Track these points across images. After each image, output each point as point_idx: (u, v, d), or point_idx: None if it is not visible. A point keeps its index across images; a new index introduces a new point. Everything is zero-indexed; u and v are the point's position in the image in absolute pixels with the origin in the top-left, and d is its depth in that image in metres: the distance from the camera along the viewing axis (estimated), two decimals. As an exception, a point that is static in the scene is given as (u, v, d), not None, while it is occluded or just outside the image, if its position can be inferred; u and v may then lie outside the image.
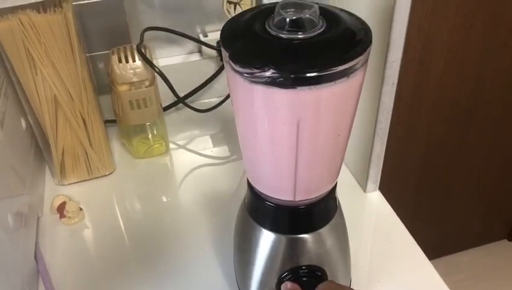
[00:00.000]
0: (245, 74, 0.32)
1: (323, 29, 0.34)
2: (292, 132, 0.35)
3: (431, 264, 0.57)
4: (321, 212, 0.45)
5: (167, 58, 0.84)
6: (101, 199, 0.68)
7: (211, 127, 0.81)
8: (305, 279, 0.45)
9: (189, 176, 0.72)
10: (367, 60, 0.35)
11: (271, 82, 0.32)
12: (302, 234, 0.44)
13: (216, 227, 0.63)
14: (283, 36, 0.34)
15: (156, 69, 0.68)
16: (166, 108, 0.79)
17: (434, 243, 1.55)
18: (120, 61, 0.65)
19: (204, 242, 0.61)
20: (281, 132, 0.36)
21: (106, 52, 0.69)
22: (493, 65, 1.17)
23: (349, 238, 0.50)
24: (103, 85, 0.74)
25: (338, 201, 0.47)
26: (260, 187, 0.43)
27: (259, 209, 0.45)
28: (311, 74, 0.32)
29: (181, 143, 0.78)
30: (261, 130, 0.37)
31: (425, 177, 1.38)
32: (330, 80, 0.32)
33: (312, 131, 0.36)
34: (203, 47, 0.82)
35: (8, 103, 0.60)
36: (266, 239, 0.45)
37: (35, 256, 0.58)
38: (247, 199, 0.47)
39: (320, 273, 0.45)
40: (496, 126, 1.32)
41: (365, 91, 0.58)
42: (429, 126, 1.25)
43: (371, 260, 0.59)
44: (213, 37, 0.82)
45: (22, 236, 0.56)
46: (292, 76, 0.32)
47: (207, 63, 0.83)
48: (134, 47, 0.67)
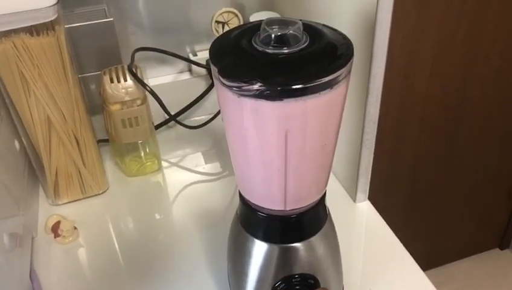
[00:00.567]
0: (234, 88, 0.34)
1: (307, 44, 0.36)
2: (280, 143, 0.37)
3: (423, 272, 0.58)
4: (312, 221, 0.46)
5: (158, 77, 0.86)
6: (95, 218, 0.68)
7: (203, 144, 0.83)
8: (298, 287, 0.46)
9: (182, 193, 0.73)
10: (350, 72, 0.36)
11: (259, 95, 0.34)
12: (294, 243, 0.45)
13: (210, 243, 0.63)
14: (269, 51, 0.35)
15: (148, 88, 0.69)
16: (158, 126, 0.80)
17: (426, 253, 1.56)
18: (112, 81, 0.66)
19: (198, 258, 0.61)
20: (270, 143, 0.37)
21: (98, 72, 0.71)
22: (476, 77, 1.21)
23: (340, 247, 0.51)
24: (95, 105, 0.76)
25: (328, 210, 0.48)
26: (251, 198, 0.44)
27: (251, 219, 0.46)
28: (296, 86, 0.33)
29: (173, 160, 0.80)
30: (251, 142, 0.38)
31: (415, 187, 1.39)
32: (315, 92, 0.34)
33: (300, 141, 0.37)
34: (193, 66, 0.84)
35: (2, 125, 0.61)
36: (259, 249, 0.46)
37: (30, 276, 0.58)
38: (239, 211, 0.48)
39: (313, 281, 0.46)
40: (481, 136, 1.35)
41: (351, 103, 0.60)
42: (417, 137, 1.27)
43: (363, 269, 0.60)
44: (202, 56, 0.84)
45: (17, 256, 0.56)
46: (279, 88, 0.33)
47: (197, 82, 0.85)
48: (125, 67, 0.69)
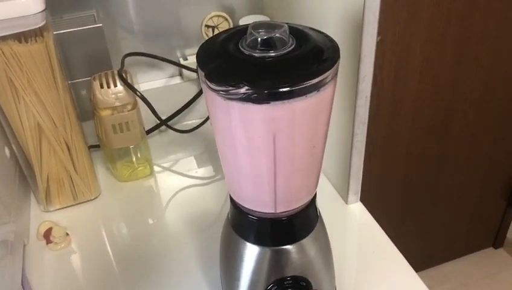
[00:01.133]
0: (221, 92, 0.34)
1: (293, 47, 0.36)
2: (269, 145, 0.37)
3: (416, 273, 0.58)
4: (302, 223, 0.46)
5: (149, 82, 0.86)
6: (87, 224, 0.68)
7: (195, 148, 0.83)
8: (290, 290, 0.46)
9: (174, 198, 0.73)
10: (336, 74, 0.37)
11: (246, 98, 0.34)
12: (285, 246, 0.45)
13: (203, 246, 0.63)
14: (256, 55, 0.36)
15: (138, 93, 0.69)
16: (149, 131, 0.80)
17: (419, 254, 1.57)
18: (102, 86, 0.66)
19: (191, 262, 0.61)
20: (258, 146, 0.37)
21: (88, 78, 0.71)
22: (467, 76, 1.21)
23: (332, 248, 0.51)
24: (86, 111, 0.76)
25: (319, 211, 0.48)
26: (242, 201, 0.44)
27: (242, 223, 0.46)
28: (283, 89, 0.33)
29: (165, 165, 0.80)
30: (240, 145, 0.38)
31: (408, 188, 1.40)
32: (302, 94, 0.34)
33: (288, 143, 0.37)
34: (184, 70, 0.84)
35: (-8, 132, 0.61)
36: (250, 252, 0.46)
37: (22, 283, 0.58)
38: (230, 214, 0.48)
39: (304, 283, 0.46)
40: (473, 135, 1.36)
41: (341, 105, 0.60)
42: (409, 138, 1.28)
43: (356, 270, 0.60)
44: (193, 60, 0.84)
45: (8, 264, 0.56)
46: (266, 92, 0.34)
47: (188, 86, 0.85)
48: (115, 72, 0.69)
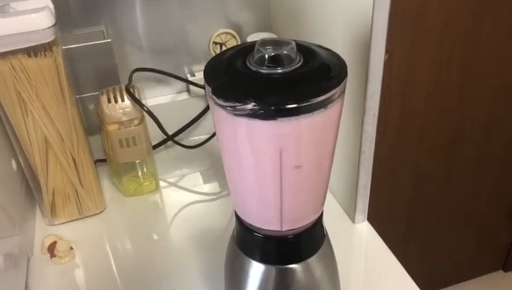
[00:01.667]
0: (228, 108, 0.34)
1: (300, 64, 0.36)
2: (275, 162, 0.37)
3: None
4: (309, 241, 0.45)
5: (156, 97, 0.86)
6: (92, 238, 0.68)
7: (201, 164, 0.82)
8: (295, 309, 0.45)
9: (179, 213, 0.73)
10: (344, 92, 0.37)
11: (253, 114, 0.34)
12: (291, 264, 0.45)
13: (208, 263, 0.63)
14: (263, 71, 0.36)
15: (145, 108, 0.69)
16: (155, 146, 0.80)
17: (427, 276, 1.54)
18: (109, 101, 0.67)
19: (196, 278, 0.60)
20: (265, 162, 0.37)
21: (96, 93, 0.71)
22: (473, 95, 1.21)
23: (338, 268, 0.50)
24: (93, 125, 0.76)
25: (325, 230, 0.48)
26: (247, 218, 0.44)
27: (247, 240, 0.46)
28: (290, 106, 0.33)
29: (171, 180, 0.79)
30: (246, 161, 0.38)
31: (415, 207, 1.38)
32: (309, 111, 0.34)
33: (294, 160, 0.37)
34: (191, 86, 0.84)
35: (-1, 145, 0.62)
36: (255, 270, 0.45)
37: (25, 297, 0.58)
38: (235, 232, 0.48)
39: (310, 303, 0.46)
40: (480, 155, 1.35)
41: (348, 122, 0.60)
42: (416, 157, 1.27)
43: (362, 290, 0.59)
44: (200, 77, 0.85)
45: (12, 277, 0.56)
46: (272, 108, 0.33)
47: (195, 102, 0.85)
48: (123, 87, 0.69)
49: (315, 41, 0.41)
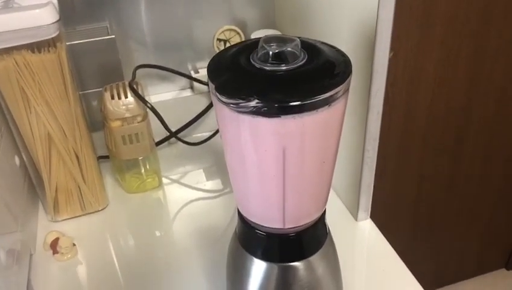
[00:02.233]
0: (231, 105, 0.34)
1: (304, 61, 0.36)
2: (278, 160, 0.36)
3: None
4: (311, 239, 0.45)
5: (159, 94, 0.86)
6: (94, 235, 0.68)
7: (204, 161, 0.82)
8: (297, 308, 0.45)
9: (182, 210, 0.73)
10: (348, 90, 0.36)
11: (256, 112, 0.33)
12: (293, 262, 0.45)
13: (210, 260, 0.63)
14: (267, 68, 0.35)
15: (148, 105, 0.69)
16: (158, 143, 0.80)
17: (431, 274, 1.54)
18: (113, 97, 0.67)
19: (198, 275, 0.60)
20: (268, 160, 0.37)
21: (99, 89, 0.71)
22: (479, 94, 1.20)
23: (341, 266, 0.50)
24: (96, 122, 0.76)
25: (328, 228, 0.48)
26: (250, 216, 0.44)
27: (250, 238, 0.46)
28: (294, 103, 0.33)
29: (174, 177, 0.79)
30: (249, 159, 0.38)
31: (419, 206, 1.38)
32: (312, 109, 0.33)
33: (298, 158, 0.37)
34: (195, 83, 0.84)
35: (2, 141, 0.61)
36: (258, 268, 0.45)
37: (27, 293, 0.58)
38: (238, 229, 0.47)
39: (312, 301, 0.46)
40: (486, 155, 1.34)
41: (352, 121, 0.60)
42: (421, 156, 1.27)
43: (365, 289, 0.59)
44: (204, 73, 0.84)
45: (14, 274, 0.56)
46: (276, 105, 0.33)
47: (198, 99, 0.85)
48: (126, 84, 0.69)
49: (319, 38, 0.41)
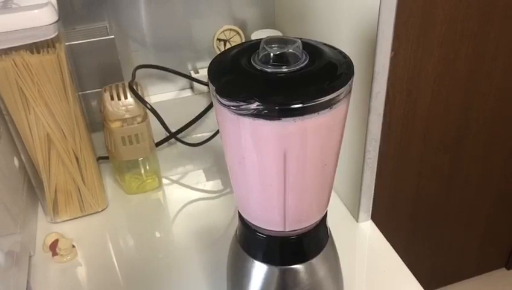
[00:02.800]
0: (231, 107, 0.33)
1: (306, 62, 0.36)
2: (279, 162, 0.36)
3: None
4: (312, 242, 0.45)
5: (159, 94, 0.86)
6: (94, 236, 0.68)
7: (204, 162, 0.82)
8: (298, 310, 0.45)
9: (182, 211, 0.72)
10: (350, 92, 0.36)
11: (257, 114, 0.33)
12: (294, 265, 0.44)
13: (210, 261, 0.62)
14: (268, 70, 0.35)
15: (148, 106, 0.69)
16: (158, 143, 0.80)
17: (430, 274, 1.54)
18: (112, 98, 0.66)
19: (198, 277, 0.60)
20: (268, 162, 0.37)
21: (98, 90, 0.71)
22: (479, 94, 1.20)
23: (342, 268, 0.50)
24: (95, 122, 0.76)
25: (329, 231, 0.47)
26: (251, 218, 0.43)
27: (250, 240, 0.45)
28: (295, 106, 0.33)
29: (174, 178, 0.79)
30: (249, 161, 0.38)
31: (419, 206, 1.38)
32: (314, 111, 0.33)
33: (298, 161, 0.36)
34: (195, 83, 0.84)
35: (1, 142, 0.61)
36: (258, 271, 0.45)
37: (26, 295, 0.57)
38: (238, 231, 0.47)
39: (313, 304, 0.45)
40: (486, 155, 1.34)
41: (353, 122, 0.60)
42: (420, 156, 1.26)
43: (366, 291, 0.59)
44: (204, 74, 0.84)
45: (14, 275, 0.55)
46: (277, 108, 0.33)
47: (198, 99, 0.85)
48: (126, 84, 0.68)
49: (319, 38, 0.40)
